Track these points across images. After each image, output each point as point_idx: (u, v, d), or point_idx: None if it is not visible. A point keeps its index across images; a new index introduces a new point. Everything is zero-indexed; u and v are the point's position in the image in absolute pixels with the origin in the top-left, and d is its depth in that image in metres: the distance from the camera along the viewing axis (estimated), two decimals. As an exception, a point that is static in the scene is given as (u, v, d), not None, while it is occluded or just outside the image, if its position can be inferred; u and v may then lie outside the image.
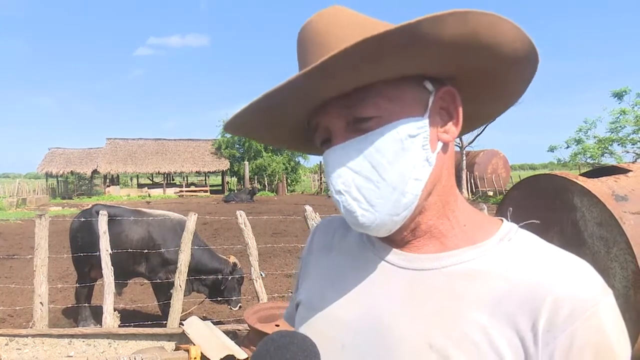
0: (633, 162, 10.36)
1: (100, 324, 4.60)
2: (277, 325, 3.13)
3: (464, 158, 25.69)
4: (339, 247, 0.78)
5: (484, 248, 0.64)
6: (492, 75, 0.64)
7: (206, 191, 36.41)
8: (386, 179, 0.61)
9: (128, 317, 5.42)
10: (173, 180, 42.21)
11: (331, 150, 0.65)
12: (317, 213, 4.93)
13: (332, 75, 0.57)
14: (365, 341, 0.64)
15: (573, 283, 0.57)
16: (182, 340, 3.89)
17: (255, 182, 35.50)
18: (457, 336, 0.58)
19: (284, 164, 37.84)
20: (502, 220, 0.69)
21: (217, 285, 5.48)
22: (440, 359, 0.58)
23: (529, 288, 0.58)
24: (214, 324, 4.00)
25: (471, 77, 0.65)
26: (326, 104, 0.64)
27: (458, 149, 25.96)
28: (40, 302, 4.40)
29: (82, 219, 5.53)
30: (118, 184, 37.47)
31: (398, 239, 0.68)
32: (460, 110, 0.67)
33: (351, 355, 0.65)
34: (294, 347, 0.59)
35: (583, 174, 3.54)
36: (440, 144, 0.65)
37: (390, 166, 0.61)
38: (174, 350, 3.80)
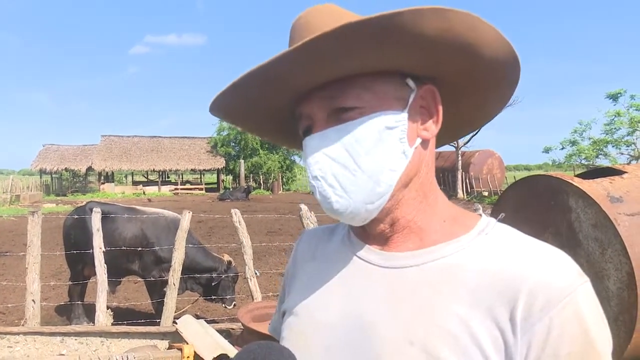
0: (628, 164, 10.42)
1: (93, 322, 4.57)
2: (271, 325, 3.12)
3: (460, 158, 25.75)
4: (321, 254, 0.79)
5: (461, 242, 0.65)
6: (472, 78, 0.67)
7: (201, 189, 36.33)
8: (362, 167, 0.63)
9: (121, 315, 5.39)
10: (168, 177, 42.05)
11: (310, 138, 0.66)
12: (313, 212, 4.92)
13: (311, 61, 0.59)
14: (350, 341, 0.65)
15: (548, 271, 0.58)
16: (175, 339, 3.87)
17: (251, 180, 35.44)
18: (437, 330, 0.59)
19: (279, 162, 37.80)
20: (481, 215, 0.71)
21: (211, 284, 5.46)
22: (422, 354, 0.59)
23: (506, 279, 0.59)
24: (207, 323, 3.98)
25: (452, 79, 0.67)
26: (309, 93, 0.66)
27: (453, 149, 26.02)
28: (33, 300, 4.37)
29: (76, 216, 5.50)
30: (113, 182, 37.32)
31: (377, 235, 0.70)
32: (440, 108, 0.68)
33: (336, 354, 0.66)
34: (271, 359, 0.59)
35: (578, 175, 3.55)
36: (419, 140, 0.66)
37: (367, 155, 0.63)
38: (167, 349, 3.78)
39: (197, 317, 5.07)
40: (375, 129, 0.63)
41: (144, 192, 33.47)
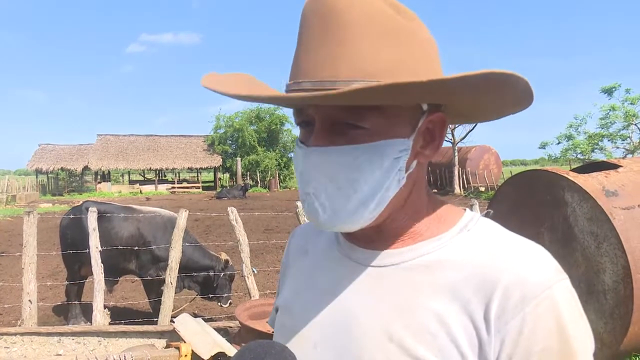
0: (623, 158, 10.46)
1: (90, 322, 4.56)
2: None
3: (456, 154, 25.78)
4: (312, 250, 0.79)
5: (443, 240, 0.65)
6: (476, 107, 0.68)
7: (198, 187, 36.29)
8: (357, 194, 0.61)
9: (118, 314, 5.39)
10: (165, 176, 41.97)
11: (310, 151, 0.62)
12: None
13: (347, 100, 0.56)
14: (334, 337, 0.66)
15: (525, 268, 0.58)
16: (173, 337, 3.86)
17: (248, 178, 35.40)
18: (415, 327, 0.60)
19: (276, 160, 37.76)
20: (465, 210, 0.70)
21: (208, 282, 5.46)
22: (399, 350, 0.60)
23: (483, 274, 0.59)
24: (205, 321, 3.98)
25: (457, 106, 0.67)
26: None
27: (450, 145, 26.04)
28: (29, 300, 4.35)
29: (72, 216, 5.48)
30: (109, 181, 37.21)
31: (362, 238, 0.69)
32: (444, 136, 0.68)
33: (322, 352, 0.67)
34: (271, 358, 0.59)
35: (574, 170, 3.56)
36: (414, 163, 0.64)
37: (365, 183, 0.61)
38: (165, 348, 3.77)
39: (195, 315, 5.06)
40: (380, 160, 0.60)
41: (140, 191, 33.41)
